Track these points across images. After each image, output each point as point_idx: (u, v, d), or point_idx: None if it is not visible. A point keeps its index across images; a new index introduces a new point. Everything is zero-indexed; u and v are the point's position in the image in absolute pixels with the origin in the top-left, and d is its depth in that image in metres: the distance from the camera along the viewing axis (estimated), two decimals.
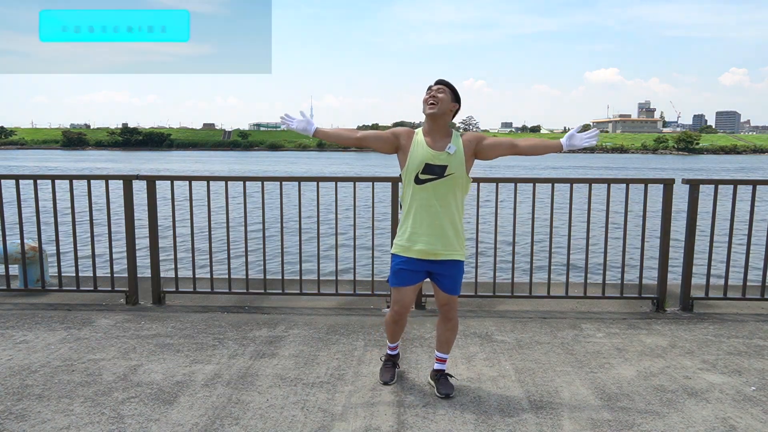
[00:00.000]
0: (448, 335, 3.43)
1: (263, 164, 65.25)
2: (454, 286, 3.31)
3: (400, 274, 3.28)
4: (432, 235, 3.20)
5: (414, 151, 3.24)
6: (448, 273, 3.27)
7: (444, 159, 3.19)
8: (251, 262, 5.31)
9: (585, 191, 5.12)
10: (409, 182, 3.24)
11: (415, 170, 3.21)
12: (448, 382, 3.42)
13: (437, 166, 3.19)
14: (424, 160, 3.20)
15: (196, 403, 3.24)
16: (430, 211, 3.20)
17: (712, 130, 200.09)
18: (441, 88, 3.25)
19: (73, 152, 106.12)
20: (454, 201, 3.23)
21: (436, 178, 3.19)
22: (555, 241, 5.46)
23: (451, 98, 3.26)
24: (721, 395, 3.40)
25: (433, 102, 3.20)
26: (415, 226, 3.22)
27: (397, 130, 3.33)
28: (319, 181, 5.08)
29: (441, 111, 3.21)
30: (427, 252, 3.22)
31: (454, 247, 3.24)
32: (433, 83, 3.31)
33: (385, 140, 3.30)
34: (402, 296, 3.32)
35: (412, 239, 3.23)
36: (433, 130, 3.25)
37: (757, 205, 5.04)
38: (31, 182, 5.24)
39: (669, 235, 5.04)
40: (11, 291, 5.38)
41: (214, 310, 5.00)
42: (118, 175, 5.15)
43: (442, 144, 3.22)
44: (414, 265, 3.25)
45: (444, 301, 3.36)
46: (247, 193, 5.20)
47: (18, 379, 3.55)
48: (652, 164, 73.48)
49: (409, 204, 3.26)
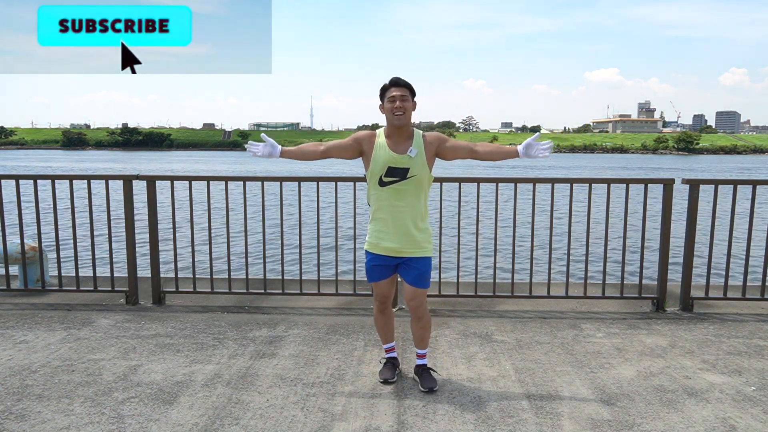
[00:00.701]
0: (422, 333, 3.51)
1: (263, 164, 65.24)
2: (420, 278, 3.37)
3: (373, 271, 3.44)
4: (397, 234, 3.31)
5: (376, 154, 3.30)
6: (414, 266, 3.35)
7: (406, 162, 3.27)
8: (251, 262, 5.32)
9: (585, 191, 5.12)
10: (374, 184, 3.33)
11: (379, 173, 3.29)
12: (430, 376, 3.49)
13: (399, 169, 3.27)
14: (386, 164, 3.27)
15: (196, 403, 3.24)
16: (394, 212, 3.29)
17: (712, 130, 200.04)
18: (405, 96, 3.28)
19: (73, 152, 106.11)
20: (417, 201, 3.32)
21: (398, 180, 3.28)
22: (555, 241, 5.46)
23: (411, 99, 3.33)
24: (721, 395, 3.40)
25: (400, 113, 3.25)
26: (381, 226, 3.34)
27: (358, 135, 3.40)
28: (319, 181, 5.07)
29: (408, 119, 3.29)
30: (394, 249, 3.34)
31: (420, 245, 3.34)
32: (391, 85, 3.31)
33: (347, 148, 3.38)
34: (381, 289, 3.49)
35: (380, 237, 3.36)
36: (396, 134, 3.32)
37: (757, 205, 5.04)
38: (31, 182, 5.24)
39: (669, 235, 5.03)
40: (11, 291, 5.38)
41: (214, 310, 5.00)
42: (118, 175, 5.15)
43: (404, 146, 3.29)
44: (384, 260, 3.39)
45: (411, 295, 3.42)
46: (247, 193, 5.20)
47: (18, 379, 3.55)
48: (652, 164, 73.46)
49: (375, 205, 3.36)
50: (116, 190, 5.25)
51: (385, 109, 3.31)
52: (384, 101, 3.32)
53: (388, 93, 3.30)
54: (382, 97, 3.35)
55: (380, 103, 3.35)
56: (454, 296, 5.15)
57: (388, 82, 3.33)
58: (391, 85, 3.31)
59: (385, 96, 3.32)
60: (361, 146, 3.36)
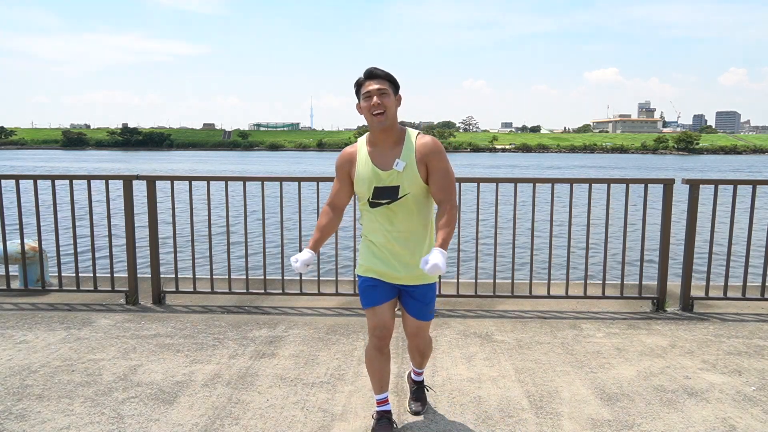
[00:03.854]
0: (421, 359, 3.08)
1: (263, 164, 65.25)
2: (424, 310, 2.82)
3: (368, 292, 2.77)
4: (396, 263, 2.73)
5: (360, 173, 2.69)
6: (417, 294, 2.78)
7: (394, 178, 2.63)
8: (251, 263, 5.32)
9: (585, 191, 5.12)
10: (364, 205, 2.74)
11: (366, 195, 2.69)
12: (423, 394, 3.18)
13: (388, 189, 2.65)
14: (372, 183, 2.66)
15: (196, 403, 3.24)
16: (391, 238, 2.70)
17: (712, 130, 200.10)
18: (383, 90, 2.60)
19: (73, 152, 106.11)
20: (417, 224, 2.71)
21: (390, 201, 2.66)
22: (555, 241, 5.46)
23: (393, 93, 2.65)
24: (721, 395, 3.39)
25: (379, 112, 2.59)
26: (377, 253, 2.75)
27: (339, 162, 2.78)
28: (319, 181, 5.08)
29: (390, 118, 2.63)
30: (393, 276, 2.75)
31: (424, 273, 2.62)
32: (366, 78, 2.64)
33: (343, 184, 2.79)
34: (380, 317, 2.76)
35: (375, 263, 2.76)
36: (380, 140, 2.68)
37: (757, 205, 5.04)
38: (31, 182, 5.24)
39: (669, 235, 5.03)
40: (11, 291, 5.38)
41: (214, 310, 5.00)
42: (118, 175, 5.15)
43: (391, 157, 2.65)
44: (380, 282, 2.78)
45: (413, 330, 2.88)
46: (247, 193, 5.20)
47: (18, 379, 3.54)
48: (652, 164, 73.49)
49: (369, 228, 2.77)
50: (116, 190, 5.25)
51: (363, 109, 2.64)
52: (360, 99, 2.66)
53: (364, 88, 2.62)
54: (357, 94, 2.68)
55: (357, 102, 2.70)
56: (454, 296, 5.15)
57: (362, 75, 2.66)
58: (367, 78, 2.63)
59: (360, 92, 2.66)
60: (348, 171, 2.75)
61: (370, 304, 2.77)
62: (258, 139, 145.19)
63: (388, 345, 2.85)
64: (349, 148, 2.79)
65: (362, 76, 2.67)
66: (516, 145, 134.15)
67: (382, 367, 2.84)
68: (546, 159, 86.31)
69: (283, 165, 62.77)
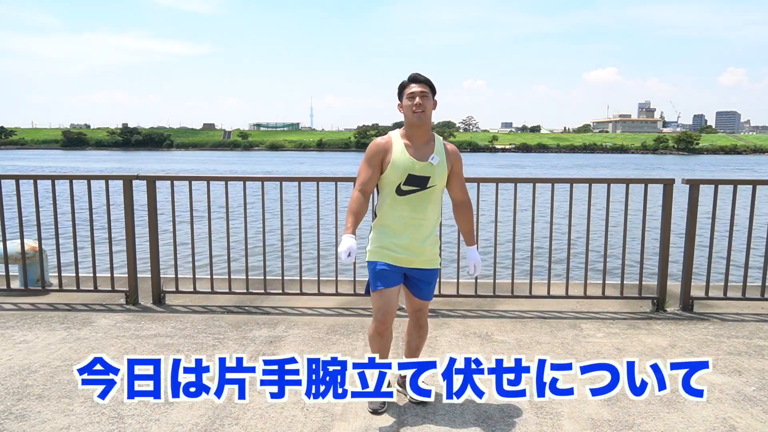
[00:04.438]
0: (419, 342, 3.34)
1: (263, 164, 65.25)
2: (430, 292, 3.23)
3: (382, 275, 3.05)
4: (412, 248, 3.06)
5: (396, 160, 3.03)
6: (426, 279, 3.16)
7: (428, 170, 3.04)
8: (251, 263, 5.32)
9: (585, 191, 5.12)
10: (390, 192, 3.06)
11: (398, 181, 3.03)
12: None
13: (421, 178, 3.03)
14: (407, 171, 3.02)
15: (196, 403, 3.24)
16: (412, 225, 3.05)
17: (712, 130, 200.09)
18: (425, 93, 3.03)
19: (73, 152, 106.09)
20: (434, 213, 3.12)
21: (418, 189, 3.03)
22: (555, 241, 5.46)
23: (431, 96, 3.09)
24: (721, 395, 3.40)
25: (419, 111, 3.01)
26: (394, 239, 3.06)
27: (376, 148, 3.08)
28: (319, 181, 5.08)
29: (428, 117, 3.06)
30: (406, 261, 3.08)
31: (433, 257, 3.15)
32: (410, 81, 3.07)
33: (375, 170, 3.07)
34: (386, 300, 3.05)
35: (392, 249, 3.06)
36: (415, 136, 3.08)
37: (757, 205, 5.04)
38: (31, 182, 5.24)
39: (669, 235, 5.04)
40: (11, 291, 5.38)
41: (215, 310, 5.00)
42: (118, 175, 5.16)
43: (425, 152, 3.06)
44: (393, 267, 3.08)
45: (418, 307, 3.25)
46: (247, 193, 5.20)
47: (18, 379, 3.55)
48: (652, 164, 73.49)
49: (388, 215, 3.08)
50: (116, 190, 5.25)
51: (404, 107, 3.05)
52: (402, 99, 3.07)
53: (407, 90, 3.05)
54: (400, 95, 3.10)
55: (398, 102, 3.10)
56: (454, 296, 5.15)
57: (407, 79, 3.08)
58: (411, 82, 3.06)
59: (403, 93, 3.07)
60: (383, 156, 3.06)
61: (381, 286, 3.06)
62: (258, 139, 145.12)
63: (390, 328, 3.14)
64: (382, 139, 3.12)
65: (406, 79, 3.08)
66: (516, 145, 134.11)
67: (384, 346, 3.14)
68: (546, 158, 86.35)
69: (283, 165, 62.80)
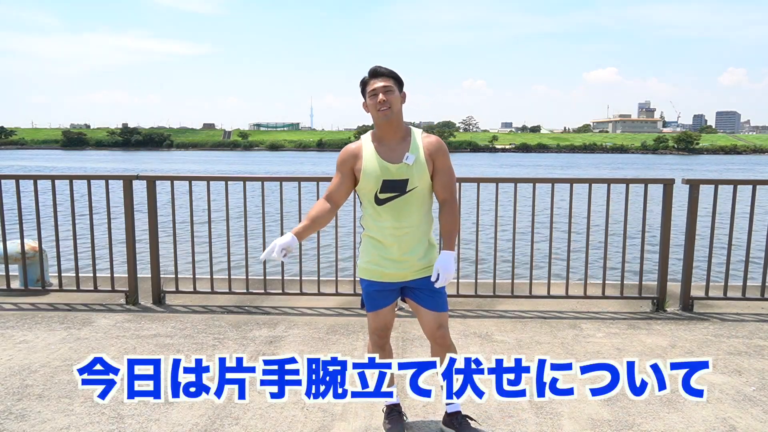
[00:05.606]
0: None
1: (263, 164, 65.26)
2: (439, 300, 2.81)
3: (373, 298, 2.82)
4: (402, 261, 2.74)
5: (367, 167, 2.70)
6: (427, 287, 2.76)
7: (404, 172, 2.67)
8: (251, 262, 5.32)
9: (585, 191, 5.12)
10: (369, 203, 2.74)
11: (374, 189, 2.70)
12: (470, 427, 2.91)
13: (397, 182, 2.67)
14: (380, 177, 2.68)
15: (196, 403, 3.23)
16: (398, 236, 2.71)
17: (712, 130, 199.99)
18: (388, 87, 2.66)
19: (73, 152, 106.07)
20: (423, 218, 2.77)
21: (397, 195, 2.68)
22: (555, 241, 5.46)
23: (398, 90, 2.71)
24: (721, 395, 3.39)
25: (385, 108, 2.64)
26: (383, 251, 2.75)
27: (342, 157, 2.78)
28: (319, 181, 5.08)
29: (395, 113, 2.68)
30: (398, 275, 2.77)
31: (429, 263, 2.78)
32: (371, 77, 2.70)
33: (344, 179, 2.77)
34: (380, 320, 2.86)
35: (380, 264, 2.77)
36: (386, 135, 2.73)
37: (757, 205, 5.04)
38: (31, 182, 5.24)
39: (669, 235, 5.04)
40: (11, 291, 5.38)
41: (214, 310, 5.00)
42: (118, 175, 5.16)
43: (400, 152, 2.70)
44: (386, 285, 2.80)
45: (435, 324, 2.80)
46: (247, 193, 5.20)
47: (18, 379, 3.55)
48: (652, 164, 73.47)
49: (372, 227, 2.77)
50: (116, 190, 5.25)
51: (369, 107, 2.69)
52: (366, 97, 2.71)
53: (369, 86, 2.68)
54: (363, 93, 2.73)
55: (363, 101, 2.75)
56: (454, 296, 5.15)
57: (367, 74, 2.72)
58: (371, 77, 2.69)
59: (366, 91, 2.71)
60: (352, 166, 2.75)
61: (375, 307, 2.85)
62: (258, 138, 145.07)
63: (389, 341, 2.99)
64: (353, 145, 2.81)
65: (367, 74, 2.73)
66: (516, 145, 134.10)
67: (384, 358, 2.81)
68: (546, 158, 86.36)
69: (283, 166, 62.77)
